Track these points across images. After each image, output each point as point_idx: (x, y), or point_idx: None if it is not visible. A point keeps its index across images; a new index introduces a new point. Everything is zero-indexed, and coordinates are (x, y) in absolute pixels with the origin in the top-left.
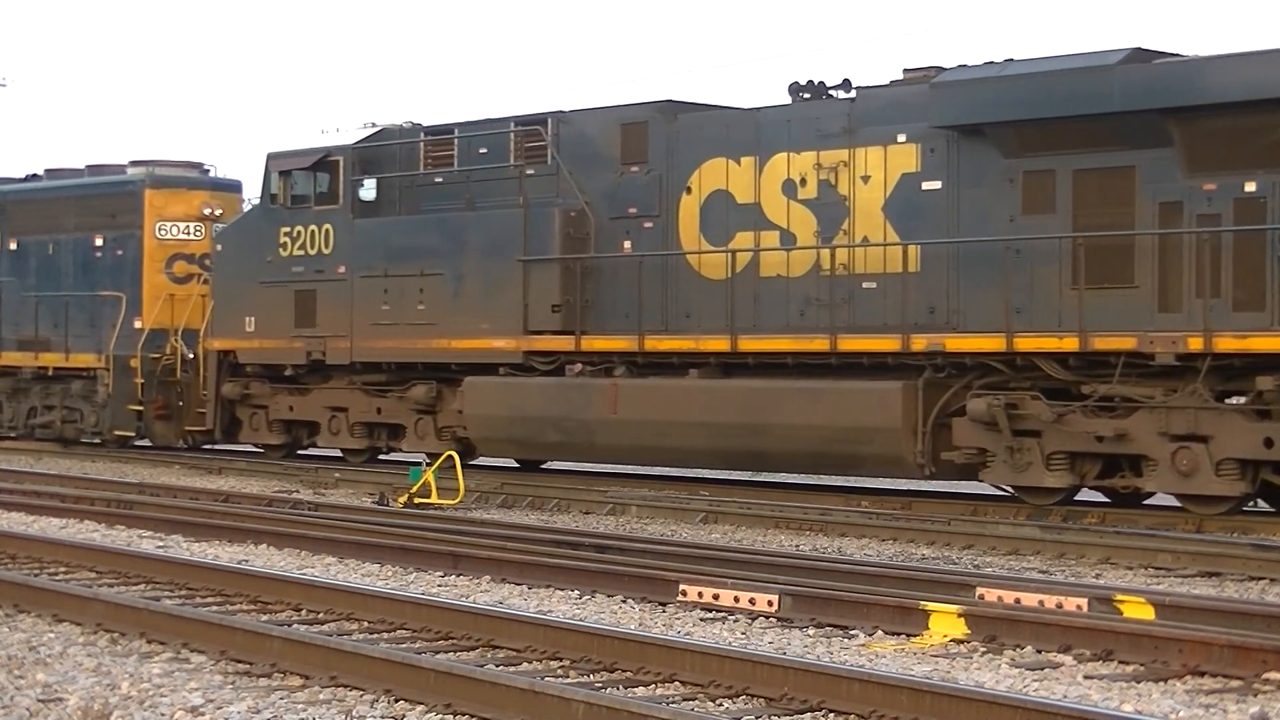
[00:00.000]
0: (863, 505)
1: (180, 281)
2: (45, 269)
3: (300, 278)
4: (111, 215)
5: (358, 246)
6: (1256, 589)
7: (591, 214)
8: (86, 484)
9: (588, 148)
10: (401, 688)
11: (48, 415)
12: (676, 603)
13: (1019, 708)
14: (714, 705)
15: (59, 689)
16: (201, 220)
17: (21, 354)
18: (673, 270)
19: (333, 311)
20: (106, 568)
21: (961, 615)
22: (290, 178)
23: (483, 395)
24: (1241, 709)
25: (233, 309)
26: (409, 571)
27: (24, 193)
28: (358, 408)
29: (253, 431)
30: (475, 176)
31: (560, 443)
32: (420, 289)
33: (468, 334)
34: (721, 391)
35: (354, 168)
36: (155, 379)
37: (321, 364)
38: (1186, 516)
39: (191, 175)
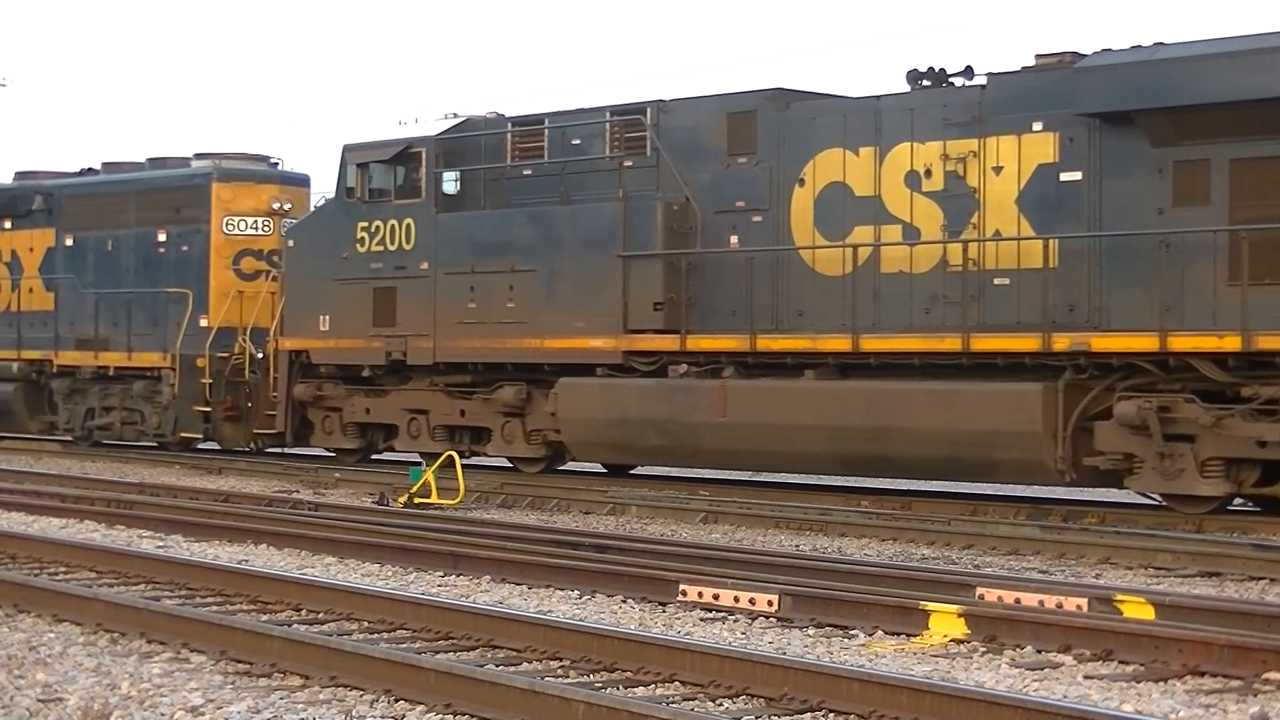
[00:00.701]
0: (863, 505)
1: (248, 278)
2: (104, 266)
3: (379, 274)
4: (176, 210)
5: (442, 242)
6: (1256, 589)
7: (695, 207)
8: (86, 484)
9: (690, 138)
10: (401, 688)
11: (107, 417)
12: (676, 603)
13: (1019, 708)
14: (714, 705)
15: (59, 689)
16: (270, 215)
17: (80, 353)
18: (783, 266)
19: (414, 310)
20: (106, 568)
21: (961, 615)
22: (368, 170)
23: (578, 397)
24: (1241, 709)
25: (306, 307)
26: (409, 571)
27: (80, 187)
28: (439, 410)
29: (325, 435)
30: (570, 169)
31: (663, 447)
32: (510, 286)
33: (562, 333)
34: (842, 393)
35: (437, 160)
36: (223, 379)
37: (401, 365)
38: (1186, 516)
39: (260, 168)
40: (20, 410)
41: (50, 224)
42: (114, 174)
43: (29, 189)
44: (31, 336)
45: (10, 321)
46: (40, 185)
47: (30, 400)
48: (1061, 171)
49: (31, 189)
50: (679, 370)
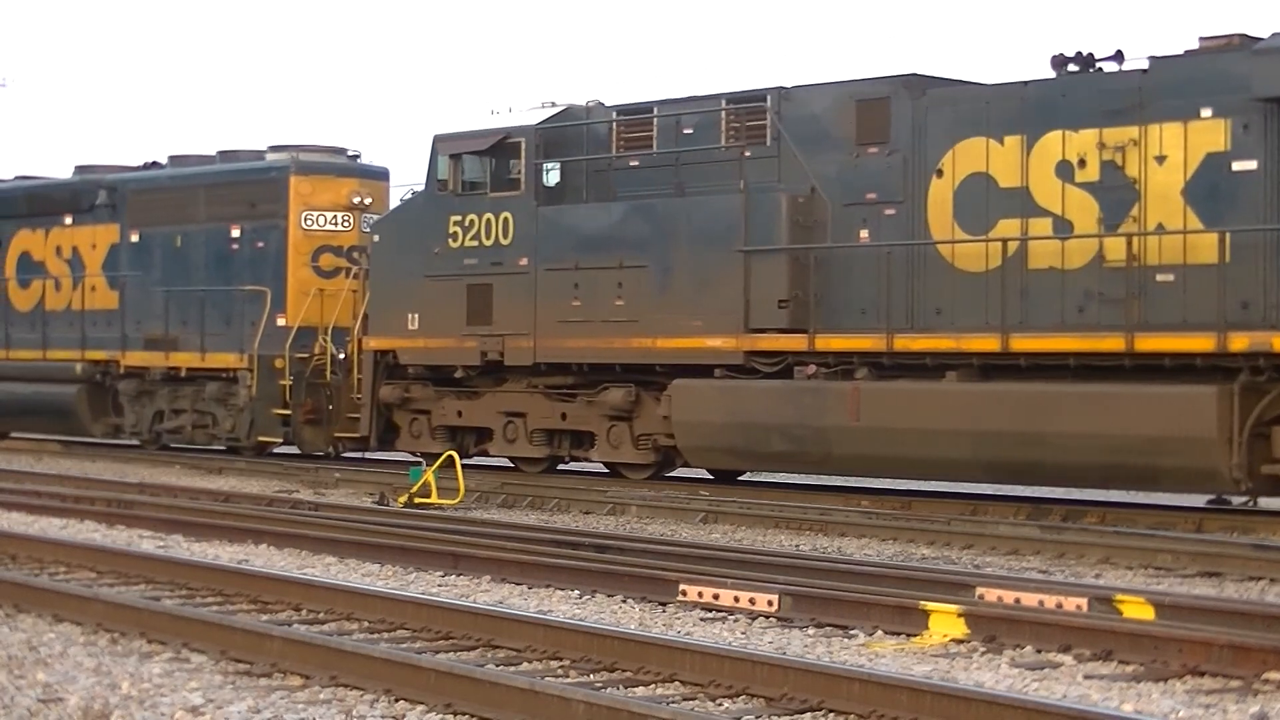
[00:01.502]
0: (863, 505)
1: (327, 275)
2: (172, 263)
3: (474, 270)
4: (251, 204)
5: (543, 236)
6: (1256, 589)
7: (821, 199)
8: (86, 484)
9: (816, 127)
10: (401, 688)
11: (177, 420)
12: (676, 603)
13: (1019, 708)
14: (714, 705)
15: (59, 689)
16: (350, 210)
17: (150, 354)
18: (920, 262)
19: (512, 307)
20: (106, 568)
21: (961, 615)
22: (461, 161)
23: (695, 400)
24: (1241, 709)
25: (393, 305)
26: (409, 571)
27: (146, 182)
28: (538, 413)
29: (413, 439)
30: (684, 159)
31: (788, 453)
32: (619, 283)
33: (676, 332)
34: (991, 396)
35: (538, 150)
36: (303, 381)
37: (498, 365)
38: (1186, 516)
39: (339, 161)
40: (83, 413)
41: (114, 220)
42: (182, 168)
43: (91, 184)
44: (96, 336)
45: (72, 321)
46: (104, 180)
47: (94, 402)
48: (1234, 160)
49: (94, 184)
50: (806, 371)
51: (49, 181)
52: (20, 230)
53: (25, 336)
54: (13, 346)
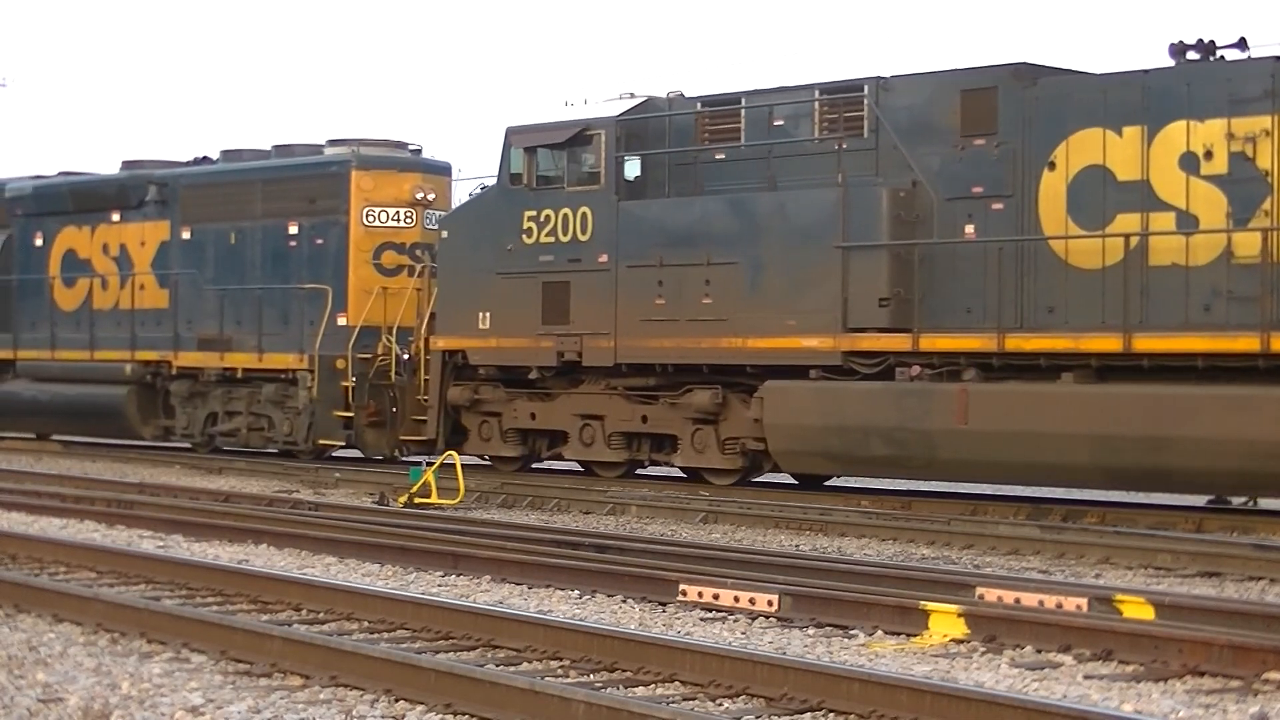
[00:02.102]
0: (863, 505)
1: (389, 273)
2: (226, 260)
3: (550, 268)
4: (310, 200)
5: (624, 232)
6: (1256, 589)
7: (924, 193)
8: (86, 484)
9: (917, 118)
10: (401, 688)
11: (231, 422)
12: (676, 603)
13: (1019, 708)
14: (714, 705)
15: (59, 689)
16: (413, 205)
17: (204, 354)
18: (1030, 258)
19: (591, 306)
20: (106, 568)
21: (961, 615)
22: (536, 155)
23: (789, 402)
24: (1241, 709)
25: (463, 304)
26: (409, 571)
27: (199, 177)
28: (617, 416)
29: (483, 442)
30: (777, 152)
31: (889, 457)
32: (706, 280)
33: (768, 332)
34: (1113, 399)
35: (618, 143)
36: (366, 382)
37: (575, 366)
38: (1186, 516)
39: (401, 155)
40: (133, 415)
41: (165, 216)
42: (236, 162)
43: (141, 179)
44: (146, 336)
45: (120, 320)
46: (154, 175)
47: (144, 404)
48: None
49: (144, 179)
50: (910, 373)
51: (95, 177)
52: (65, 228)
53: (71, 336)
54: (58, 347)
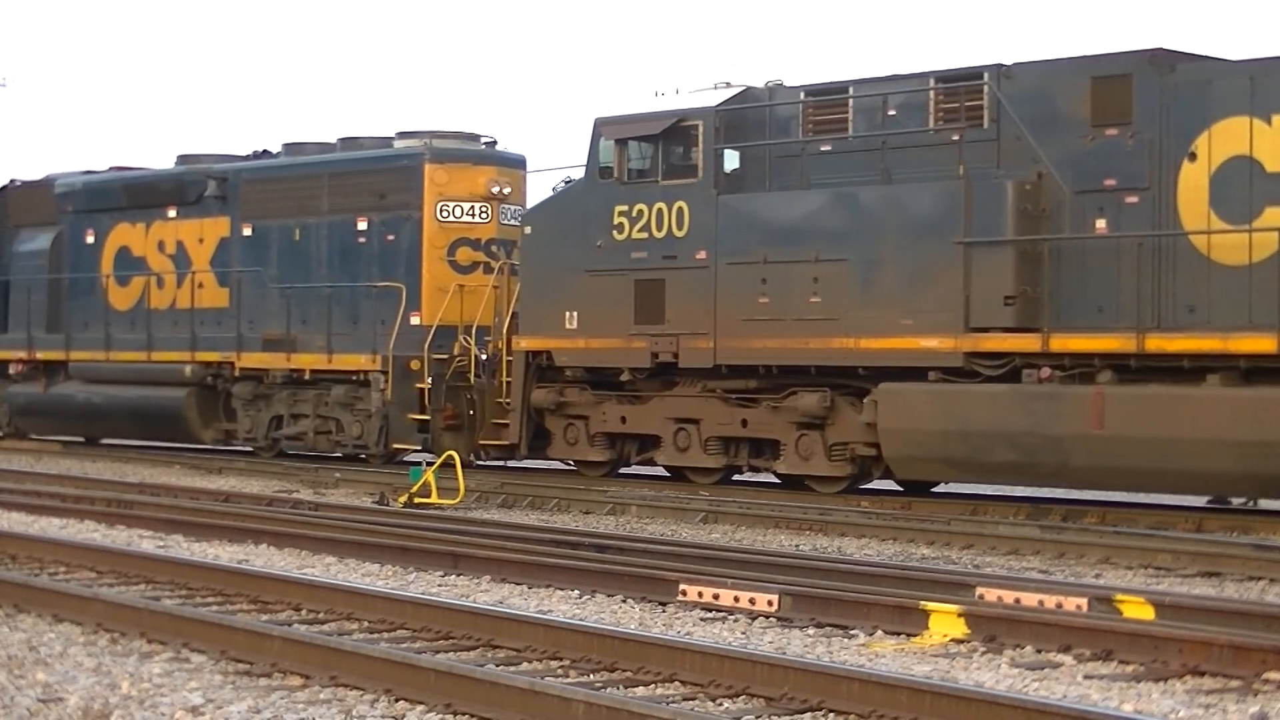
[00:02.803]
0: (863, 505)
1: (464, 271)
2: (290, 257)
3: (643, 265)
4: (380, 195)
5: (724, 227)
6: (1256, 589)
7: (1051, 186)
8: (86, 484)
9: (1042, 107)
10: (401, 687)
11: (297, 425)
12: (676, 603)
13: (1019, 708)
14: (714, 705)
15: (59, 689)
16: (488, 200)
17: (269, 355)
18: (1169, 254)
19: (688, 304)
20: (106, 568)
21: (961, 615)
22: (627, 147)
23: (906, 405)
24: (1241, 709)
25: (548, 302)
26: (409, 571)
27: (261, 171)
28: (714, 419)
29: (568, 446)
30: (891, 143)
31: (1016, 463)
32: (814, 278)
33: (882, 331)
34: (1264, 402)
35: (718, 134)
36: (443, 383)
37: (669, 367)
38: (1186, 516)
39: (476, 148)
40: (193, 418)
41: (225, 212)
42: (300, 156)
43: (199, 174)
44: (206, 337)
45: (177, 320)
46: (213, 170)
47: (204, 407)
48: None
49: (202, 174)
50: (1040, 375)
51: (151, 173)
52: (118, 224)
53: (126, 337)
54: (113, 348)
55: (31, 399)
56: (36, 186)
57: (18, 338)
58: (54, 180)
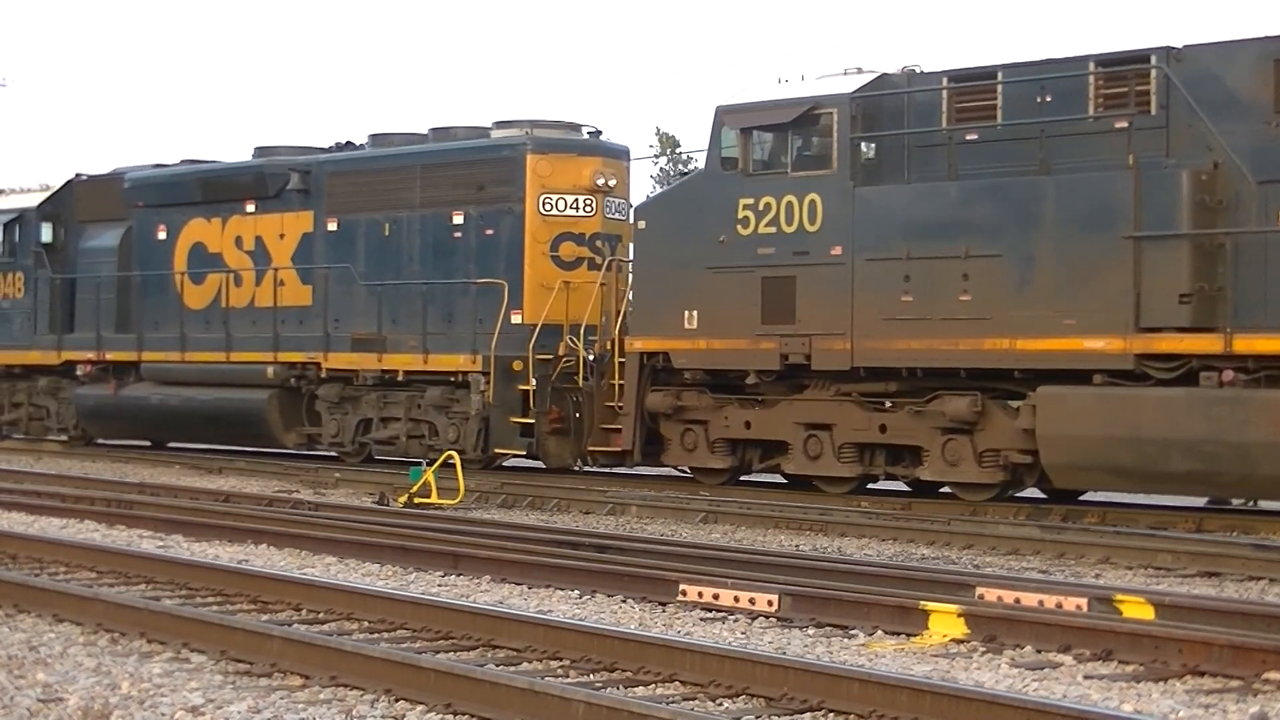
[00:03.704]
0: (862, 505)
1: (567, 267)
2: (379, 253)
3: (771, 261)
4: (478, 187)
5: (861, 221)
6: (1256, 589)
7: (1229, 176)
8: (86, 484)
9: (1218, 91)
10: (401, 687)
11: (388, 429)
12: (676, 603)
13: (1019, 708)
14: (714, 705)
15: (59, 689)
16: (593, 193)
17: (359, 355)
18: None
19: (821, 303)
20: (106, 568)
21: (961, 615)
22: (753, 137)
23: (1069, 410)
24: (1241, 709)
25: (665, 301)
26: (409, 571)
27: (348, 163)
28: (849, 424)
29: (685, 453)
30: (1050, 131)
31: (1193, 473)
32: (964, 274)
33: (1041, 331)
34: None
35: (854, 122)
36: (548, 385)
37: (799, 369)
38: (1186, 516)
39: (580, 138)
40: (275, 421)
41: (308, 206)
42: (389, 148)
43: (280, 167)
44: (290, 336)
45: (255, 319)
46: (296, 162)
47: (286, 410)
48: None
49: (284, 167)
50: (1223, 378)
51: (228, 165)
52: (192, 220)
53: (202, 337)
54: (189, 348)
55: (101, 401)
56: (104, 181)
57: (86, 338)
58: (123, 174)
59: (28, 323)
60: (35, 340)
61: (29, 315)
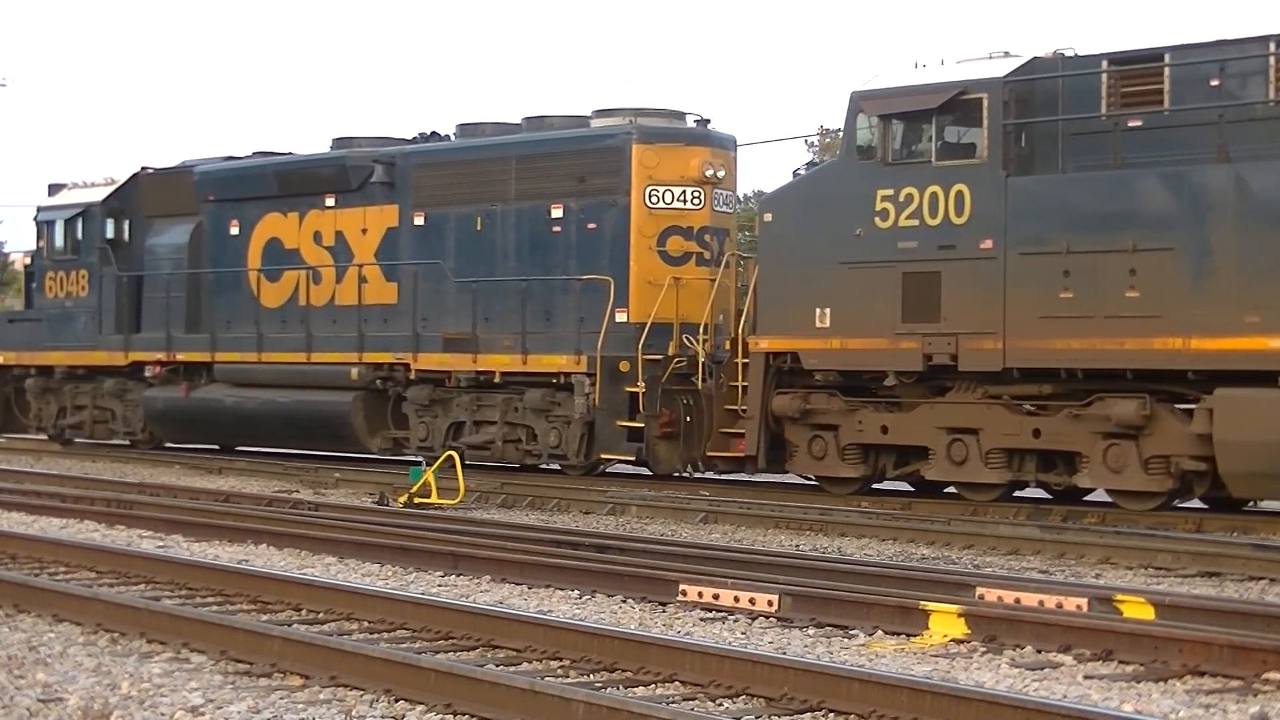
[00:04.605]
0: (863, 505)
1: (675, 262)
2: (471, 249)
3: (913, 256)
4: (579, 179)
5: (1016, 213)
6: (1256, 589)
7: None
8: (86, 484)
9: None
10: (401, 688)
11: (481, 433)
12: (676, 603)
13: (1019, 708)
14: (714, 705)
15: (59, 689)
16: (701, 184)
17: (452, 356)
18: None
19: (970, 300)
20: (106, 568)
21: (961, 615)
22: (892, 124)
23: (1252, 415)
24: (1241, 709)
25: (793, 298)
26: (409, 571)
27: (435, 154)
28: (998, 429)
29: (814, 460)
30: (1228, 116)
31: None
32: (1131, 269)
33: (1220, 330)
34: None
35: (1006, 108)
36: (658, 387)
37: (942, 370)
38: (1186, 516)
39: (687, 127)
40: (360, 425)
41: (392, 199)
42: (480, 138)
43: (364, 158)
44: (374, 336)
45: (336, 318)
46: (380, 153)
47: (371, 412)
48: None
49: (368, 158)
50: None
51: (305, 157)
52: (267, 214)
53: (281, 337)
54: (265, 348)
55: (171, 404)
56: (171, 174)
57: (155, 338)
58: (191, 167)
59: (92, 322)
60: (101, 340)
61: (94, 314)
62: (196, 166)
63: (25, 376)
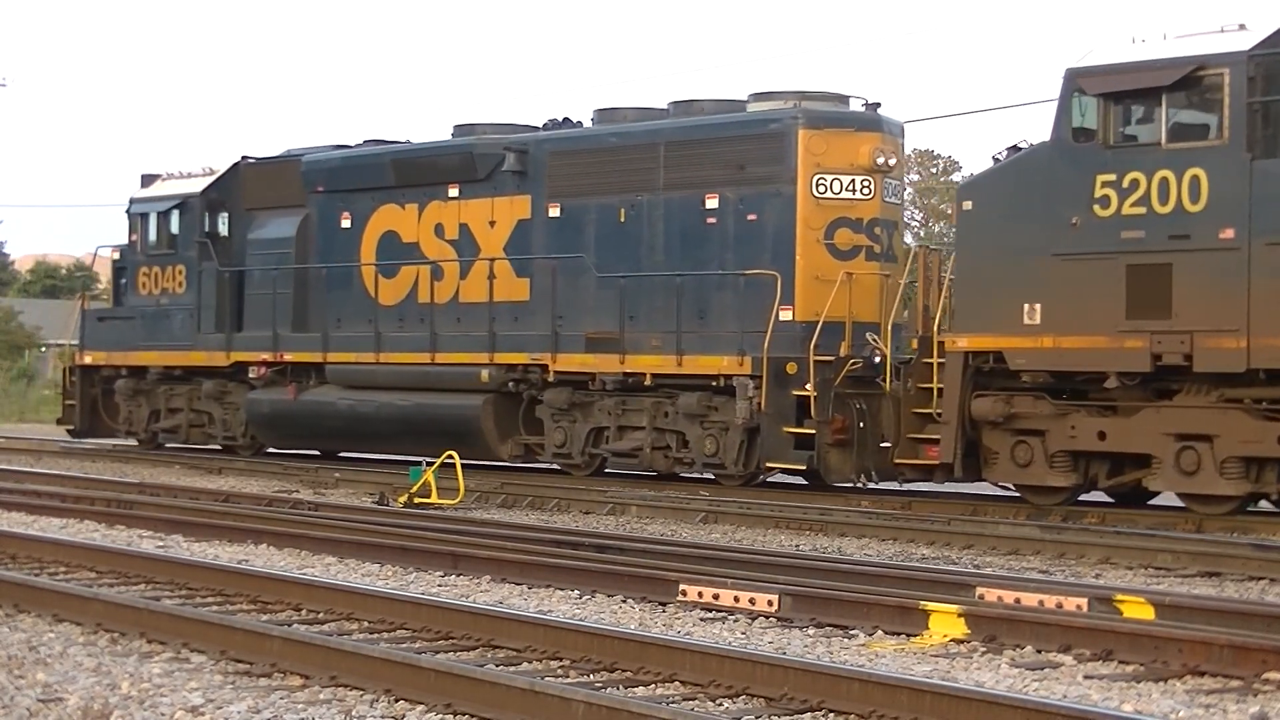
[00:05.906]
0: (863, 505)
1: (843, 256)
2: (614, 242)
3: (1140, 246)
4: (738, 166)
5: (1261, 199)
6: (1256, 589)
7: None
8: (86, 484)
9: None
10: (401, 688)
11: (626, 440)
12: (676, 603)
13: (1019, 708)
14: (714, 705)
15: (59, 689)
16: (871, 173)
17: (596, 357)
18: None
19: (1207, 294)
20: (106, 568)
21: (961, 615)
22: (1114, 103)
23: None
24: (1241, 709)
25: (997, 293)
26: (409, 571)
27: (572, 141)
28: (1235, 435)
29: (1018, 468)
30: None
31: None
32: None
33: None
34: None
35: (1251, 85)
36: (831, 391)
37: (1171, 371)
38: (1186, 516)
39: (856, 112)
40: (490, 430)
41: (524, 189)
42: (623, 124)
43: (493, 145)
44: (506, 335)
45: (460, 316)
46: (509, 140)
47: (502, 417)
48: None
49: (498, 145)
50: None
51: (426, 145)
52: (382, 206)
53: (400, 336)
54: (384, 348)
55: (278, 407)
56: (275, 164)
57: (260, 337)
58: (299, 156)
59: (190, 320)
60: (200, 340)
61: (192, 312)
62: (304, 156)
63: (115, 378)
